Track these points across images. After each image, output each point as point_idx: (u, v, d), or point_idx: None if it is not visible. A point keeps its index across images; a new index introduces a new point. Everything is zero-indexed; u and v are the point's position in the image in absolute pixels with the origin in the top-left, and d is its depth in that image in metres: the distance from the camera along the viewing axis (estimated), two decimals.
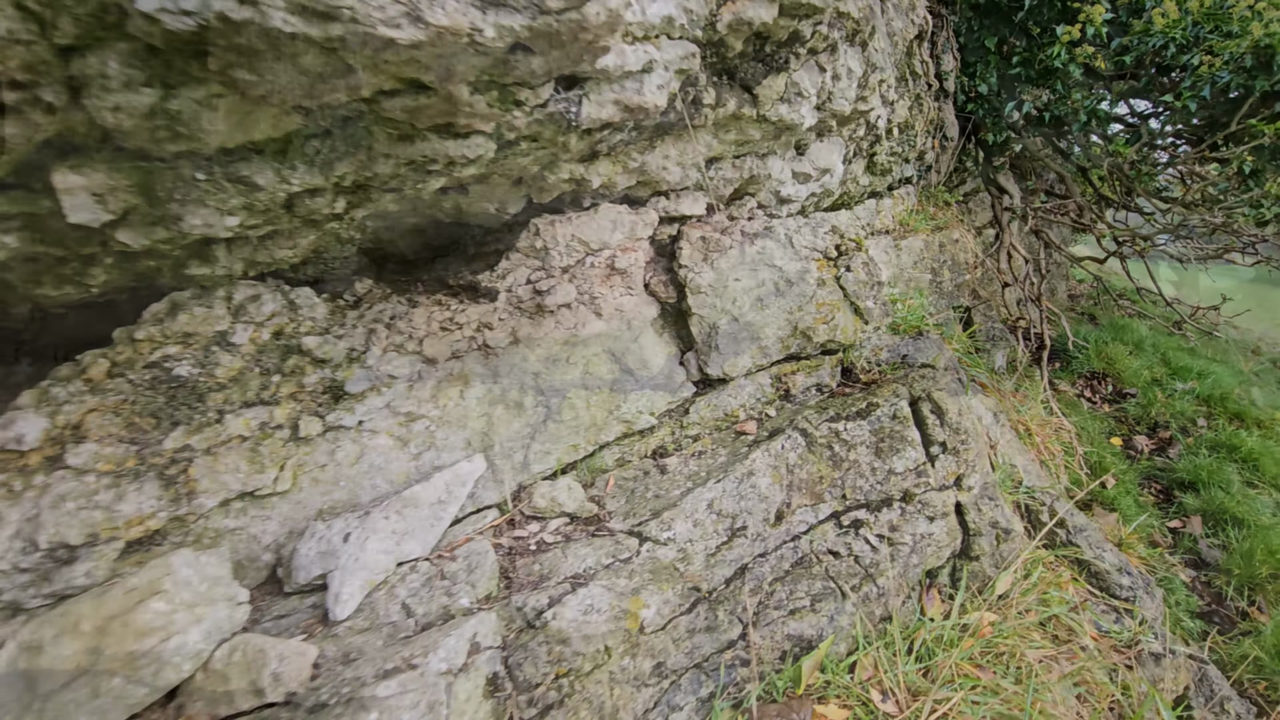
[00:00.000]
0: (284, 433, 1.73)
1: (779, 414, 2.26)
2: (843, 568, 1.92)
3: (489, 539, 1.77)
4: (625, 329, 2.20)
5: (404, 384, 1.88)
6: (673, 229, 2.30)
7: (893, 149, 2.34)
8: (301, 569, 1.53)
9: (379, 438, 1.79)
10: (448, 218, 2.21)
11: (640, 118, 1.60)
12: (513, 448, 1.93)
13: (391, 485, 1.75)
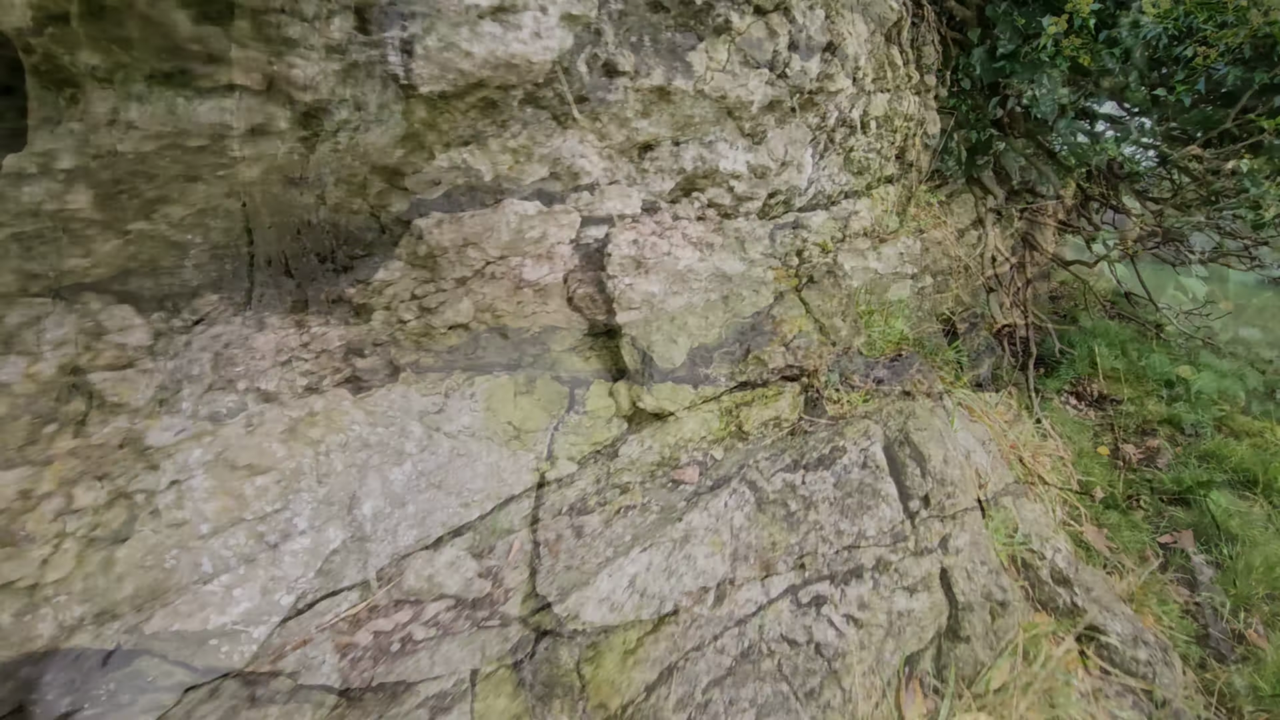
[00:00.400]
0: (55, 502, 1.29)
1: (727, 456, 1.86)
2: (800, 661, 1.52)
3: (334, 638, 1.34)
4: (541, 353, 1.79)
5: (238, 428, 1.44)
6: (601, 231, 1.88)
7: (870, 144, 1.96)
8: (46, 707, 1.10)
9: (195, 501, 1.36)
10: (313, 217, 1.78)
11: (523, 82, 1.19)
12: (385, 509, 1.51)
13: (214, 562, 1.31)
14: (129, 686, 0.93)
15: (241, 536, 0.99)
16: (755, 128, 1.15)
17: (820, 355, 2.06)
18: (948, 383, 2.18)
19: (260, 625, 1.00)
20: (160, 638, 0.97)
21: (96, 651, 0.98)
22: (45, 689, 0.99)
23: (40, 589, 0.95)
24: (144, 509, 1.02)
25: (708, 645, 1.50)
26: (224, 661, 0.99)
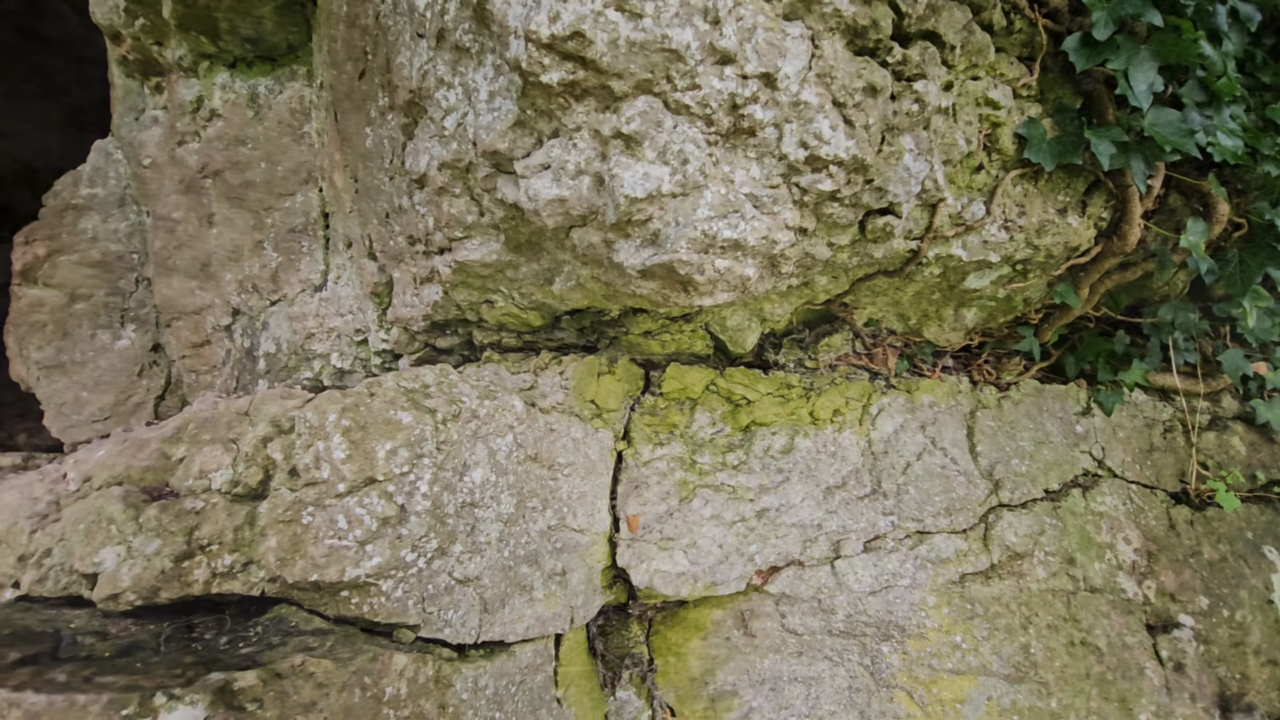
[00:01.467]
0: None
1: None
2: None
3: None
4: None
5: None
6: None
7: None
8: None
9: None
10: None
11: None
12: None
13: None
14: (276, 630, 1.02)
15: (374, 496, 1.07)
16: (857, 114, 1.16)
17: (890, 343, 2.06)
18: (1015, 372, 2.16)
19: (388, 579, 1.08)
20: (300, 587, 1.06)
21: (244, 597, 1.08)
22: (201, 629, 1.10)
23: (194, 540, 1.04)
24: (284, 469, 1.10)
25: (778, 622, 1.55)
26: (353, 611, 1.08)
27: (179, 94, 2.92)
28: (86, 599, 1.07)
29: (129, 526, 1.05)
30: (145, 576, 1.00)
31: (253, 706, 0.82)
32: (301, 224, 2.73)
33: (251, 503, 1.09)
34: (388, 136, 1.87)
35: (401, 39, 1.54)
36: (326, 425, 1.10)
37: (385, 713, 0.93)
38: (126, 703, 0.77)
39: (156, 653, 0.93)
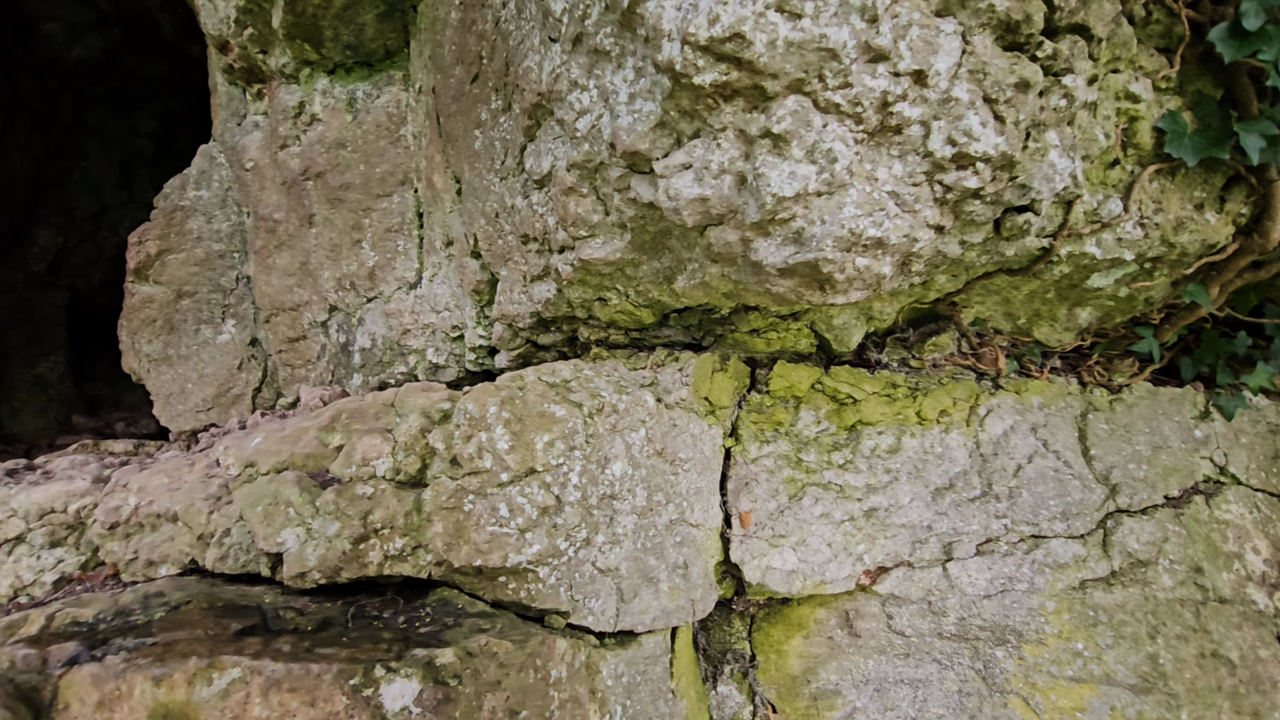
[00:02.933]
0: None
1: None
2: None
3: None
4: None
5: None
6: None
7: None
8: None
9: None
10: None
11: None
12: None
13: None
14: (443, 611, 1.08)
15: (535, 486, 1.12)
16: (1008, 110, 1.15)
17: (997, 343, 2.02)
18: (1128, 374, 2.09)
19: (544, 566, 1.13)
20: (463, 572, 1.11)
21: (409, 579, 1.14)
22: (373, 608, 1.16)
23: (369, 523, 1.11)
24: (445, 458, 1.16)
25: (884, 623, 1.54)
26: (510, 596, 1.13)
27: (281, 100, 3.06)
28: (264, 576, 1.14)
29: (306, 510, 1.12)
30: (329, 557, 1.07)
31: (454, 682, 0.87)
32: (397, 224, 2.83)
33: (413, 490, 1.15)
34: (500, 138, 1.93)
35: (528, 44, 1.59)
36: (488, 417, 1.15)
37: (551, 694, 0.97)
38: (353, 674, 0.82)
39: (346, 629, 0.99)
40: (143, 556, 1.65)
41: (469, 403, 1.17)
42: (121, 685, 0.78)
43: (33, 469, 2.16)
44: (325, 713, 0.78)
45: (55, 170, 5.11)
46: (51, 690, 0.79)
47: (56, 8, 4.43)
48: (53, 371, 5.57)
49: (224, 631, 0.92)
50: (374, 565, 1.08)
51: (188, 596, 1.03)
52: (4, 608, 1.72)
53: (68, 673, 0.81)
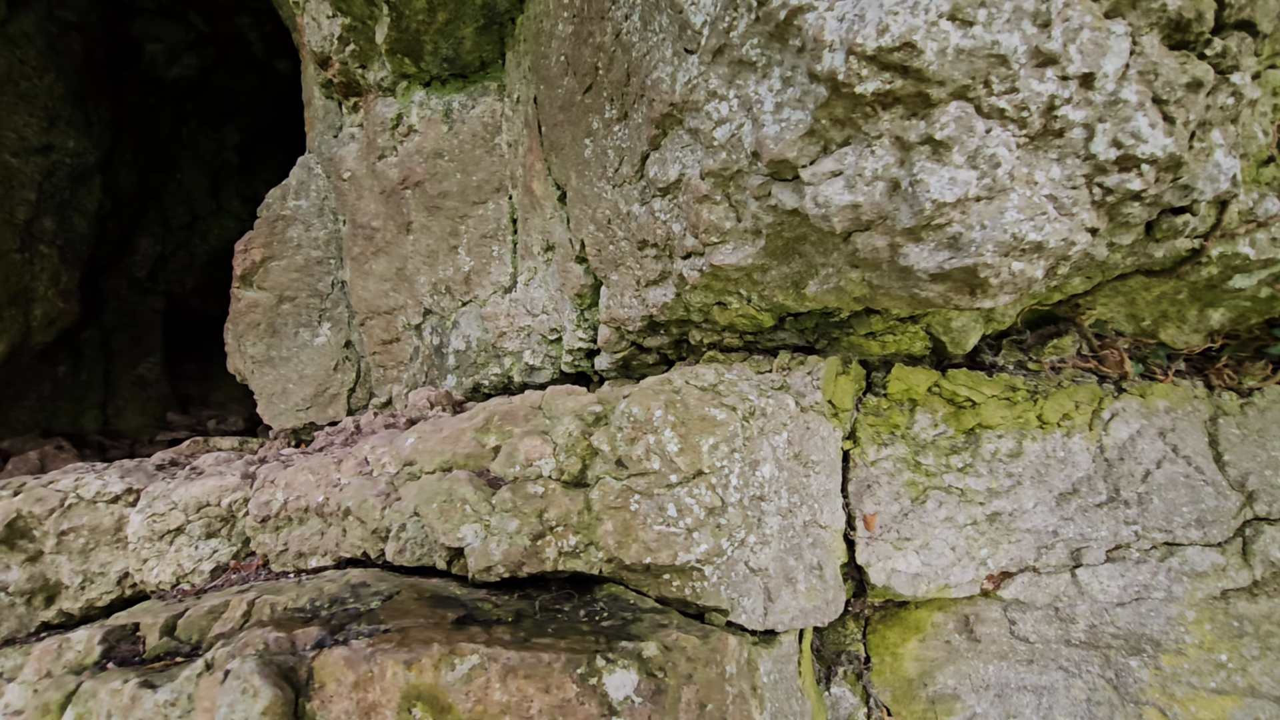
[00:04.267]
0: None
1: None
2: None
3: None
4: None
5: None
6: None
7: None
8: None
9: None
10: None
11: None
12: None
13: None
14: (616, 606, 1.13)
15: (703, 488, 1.16)
16: (1178, 110, 1.13)
17: (1120, 346, 1.97)
18: (1259, 377, 2.01)
19: (710, 565, 1.16)
20: (632, 569, 1.16)
21: (577, 575, 1.19)
22: (550, 601, 1.22)
23: (544, 521, 1.16)
24: (609, 459, 1.21)
25: (1005, 628, 1.52)
26: (674, 594, 1.17)
27: (377, 112, 3.19)
28: (440, 569, 1.21)
29: (482, 507, 1.18)
30: (512, 553, 1.13)
31: (660, 674, 0.91)
32: (493, 230, 2.92)
33: (579, 489, 1.20)
34: (614, 147, 1.98)
35: (657, 55, 1.63)
36: (654, 420, 1.19)
37: (727, 689, 1.00)
38: (579, 663, 0.87)
39: (537, 620, 1.05)
40: (293, 548, 1.75)
41: (633, 406, 1.22)
42: (374, 668, 0.84)
43: (181, 464, 2.31)
44: (559, 699, 0.82)
45: (154, 182, 5.43)
46: (306, 670, 0.86)
47: (159, 30, 4.71)
48: (151, 371, 5.90)
49: (443, 620, 0.98)
50: (550, 561, 1.13)
51: (395, 588, 1.10)
52: (169, 593, 1.85)
53: (319, 655, 0.88)
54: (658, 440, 1.17)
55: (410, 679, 0.83)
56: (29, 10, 3.87)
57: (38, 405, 4.86)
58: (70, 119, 4.19)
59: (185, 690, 0.84)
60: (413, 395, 2.67)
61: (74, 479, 1.94)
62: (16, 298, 4.07)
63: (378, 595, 1.05)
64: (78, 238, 4.49)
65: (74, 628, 1.96)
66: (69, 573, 1.91)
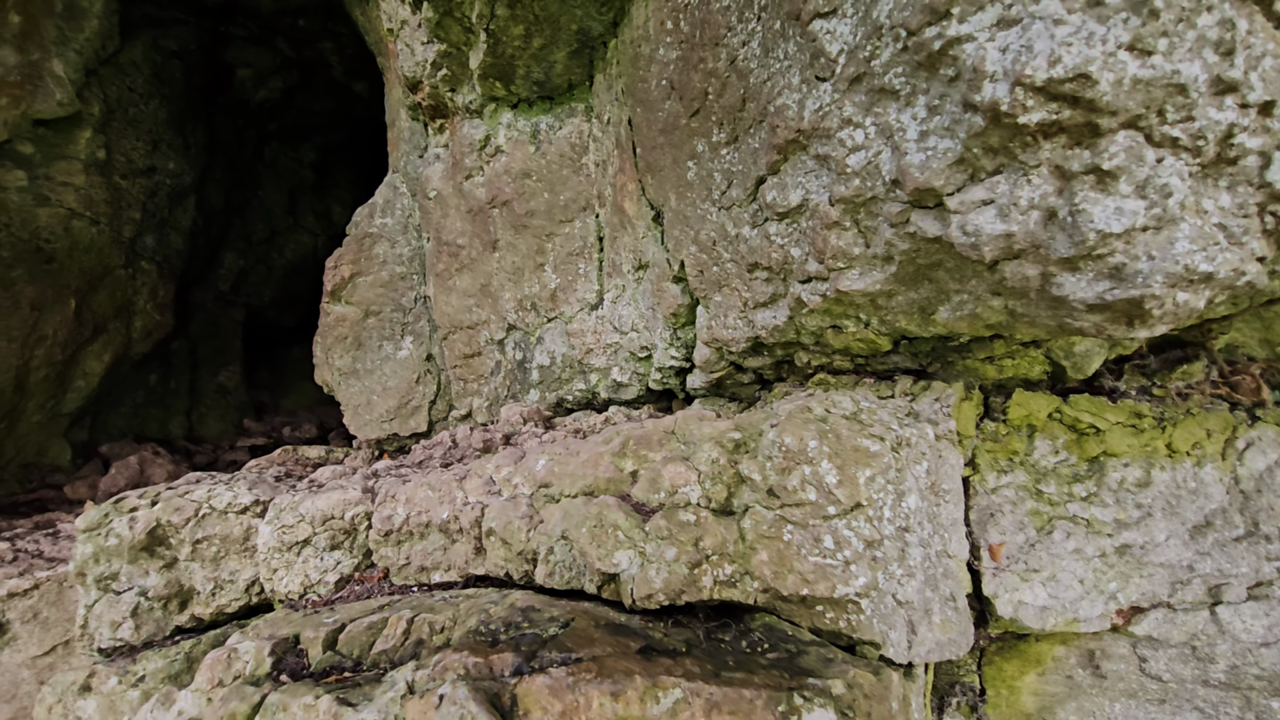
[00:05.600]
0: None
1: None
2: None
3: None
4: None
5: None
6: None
7: None
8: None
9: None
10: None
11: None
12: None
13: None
14: (773, 637, 1.13)
15: (861, 520, 1.16)
16: None
17: (1254, 371, 1.89)
18: None
19: (866, 598, 1.16)
20: (787, 600, 1.16)
21: (730, 604, 1.20)
22: (707, 631, 1.24)
23: (700, 549, 1.18)
24: (760, 488, 1.22)
25: (1134, 665, 1.46)
26: (828, 625, 1.17)
27: (464, 133, 3.29)
28: (589, 593, 1.24)
29: (636, 533, 1.20)
30: (672, 581, 1.15)
31: (849, 712, 0.92)
32: (579, 248, 2.98)
33: (728, 517, 1.21)
34: (721, 170, 1.99)
35: (781, 82, 1.64)
36: (809, 451, 1.20)
37: None
38: (778, 700, 0.88)
39: (708, 651, 1.06)
40: (415, 562, 1.81)
41: (785, 436, 1.22)
42: (579, 697, 0.87)
43: (294, 475, 2.41)
44: None
45: (239, 200, 5.69)
46: (510, 697, 0.89)
47: (250, 56, 4.95)
48: (230, 380, 6.16)
49: (627, 650, 1.00)
50: (706, 590, 1.14)
51: (567, 614, 1.12)
52: (298, 602, 1.93)
53: (520, 682, 0.91)
54: (814, 471, 1.17)
55: (617, 710, 0.85)
56: (137, 41, 4.12)
57: (131, 412, 5.12)
58: (170, 142, 4.43)
59: (391, 711, 0.88)
60: (505, 410, 2.72)
61: (206, 490, 2.04)
62: (120, 311, 4.31)
63: (553, 621, 1.08)
64: (173, 254, 4.74)
65: (204, 631, 2.06)
66: (201, 579, 2.00)
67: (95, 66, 3.79)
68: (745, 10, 1.77)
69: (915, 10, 1.24)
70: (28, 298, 3.63)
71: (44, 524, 3.51)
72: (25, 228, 3.57)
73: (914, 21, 1.25)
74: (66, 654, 2.79)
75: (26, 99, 3.37)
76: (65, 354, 3.95)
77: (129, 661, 1.88)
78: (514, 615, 1.12)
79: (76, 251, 3.87)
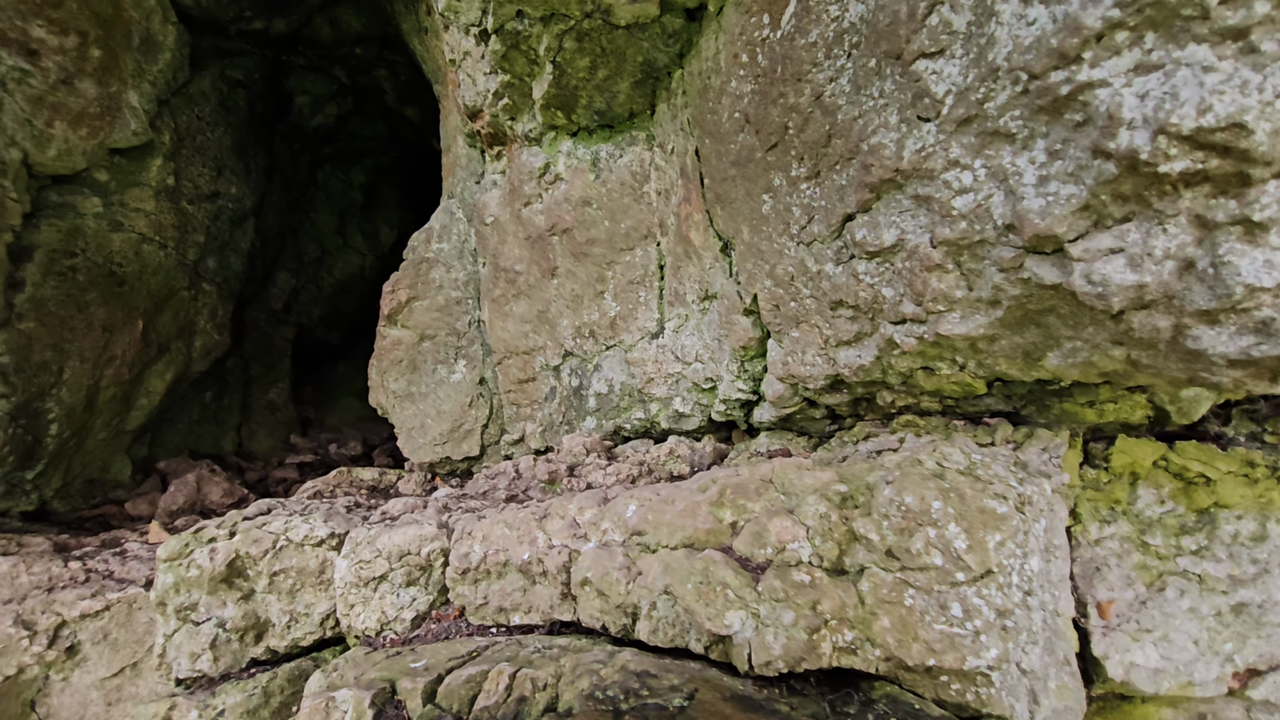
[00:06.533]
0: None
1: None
2: None
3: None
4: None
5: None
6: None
7: None
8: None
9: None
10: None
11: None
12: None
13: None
14: (898, 711, 1.08)
15: (992, 588, 1.11)
16: None
17: None
18: None
19: (997, 671, 1.10)
20: (912, 670, 1.11)
21: (862, 674, 1.15)
22: (830, 703, 1.19)
23: (819, 613, 1.14)
24: (877, 549, 1.17)
25: None
26: (954, 698, 1.11)
27: (523, 161, 3.31)
28: (695, 652, 1.20)
29: (747, 593, 1.16)
30: (792, 647, 1.11)
31: None
32: (640, 276, 2.96)
33: (842, 577, 1.17)
34: (800, 205, 1.96)
35: (876, 121, 1.61)
36: (932, 512, 1.15)
37: None
38: None
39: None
40: (493, 602, 1.78)
41: (904, 495, 1.18)
42: None
43: (362, 504, 2.41)
44: None
45: (293, 221, 5.83)
46: None
47: (309, 84, 5.09)
48: (279, 396, 6.27)
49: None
50: (826, 657, 1.10)
51: (688, 683, 1.09)
52: (374, 639, 1.91)
53: None
54: (940, 534, 1.12)
55: None
56: (206, 72, 4.26)
57: (187, 429, 5.24)
58: (233, 168, 4.56)
59: None
60: (566, 441, 2.71)
61: (283, 521, 2.05)
62: (182, 331, 4.42)
63: (675, 691, 1.04)
64: (232, 275, 4.85)
65: (278, 664, 2.06)
66: (277, 612, 2.00)
67: (167, 97, 3.92)
68: (834, 47, 1.74)
69: (1041, 54, 1.20)
70: (100, 320, 3.74)
71: (110, 542, 3.58)
72: (100, 252, 3.68)
73: (1039, 65, 1.21)
74: (134, 676, 2.82)
75: (105, 129, 3.50)
76: (132, 373, 4.06)
77: (208, 694, 1.89)
78: (629, 680, 1.08)
79: (145, 274, 3.98)
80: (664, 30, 2.52)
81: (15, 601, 2.82)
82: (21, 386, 3.38)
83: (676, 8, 2.44)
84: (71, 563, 3.07)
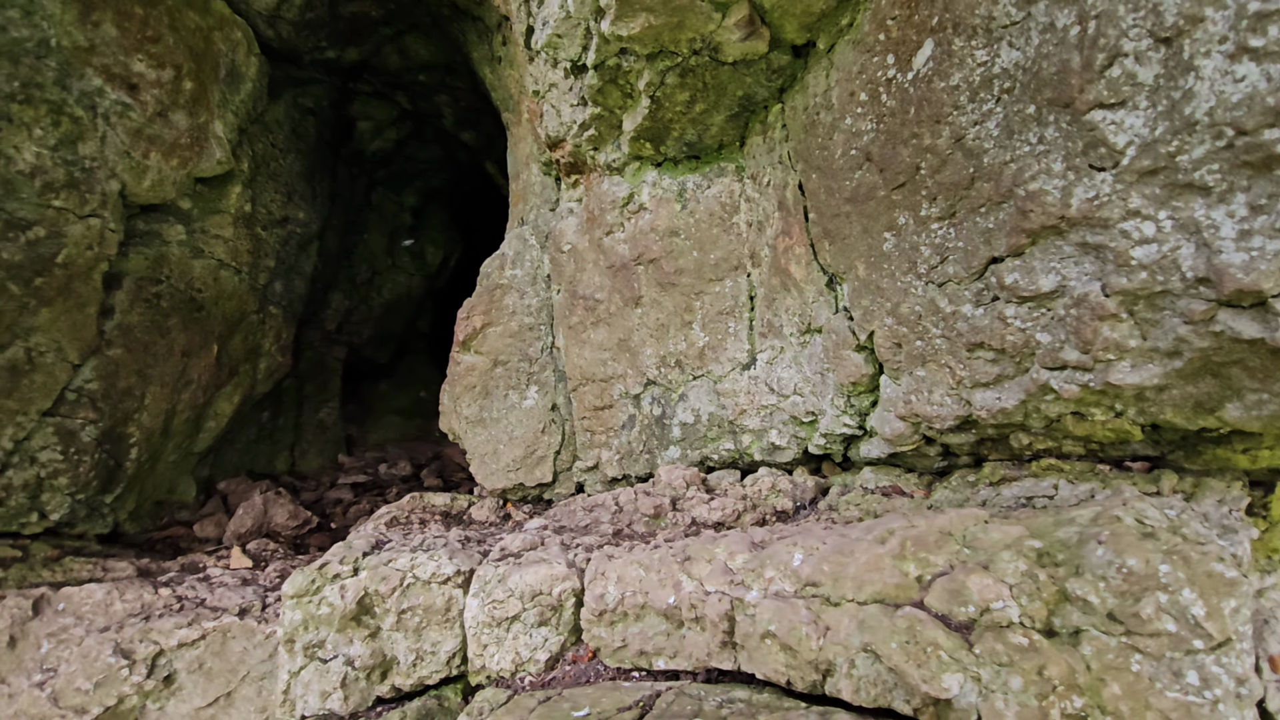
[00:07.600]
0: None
1: None
2: None
3: None
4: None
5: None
6: None
7: None
8: None
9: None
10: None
11: None
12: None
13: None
14: None
15: (1231, 656, 1.08)
16: None
17: None
18: None
19: None
20: None
21: None
22: None
23: (1045, 678, 1.12)
24: (1096, 611, 1.15)
25: None
26: None
27: (603, 189, 3.34)
28: (904, 714, 1.18)
29: (962, 655, 1.15)
30: (1024, 714, 1.09)
31: None
32: (729, 307, 2.97)
33: (1055, 639, 1.15)
34: (930, 244, 1.96)
35: (1035, 166, 1.60)
36: (1160, 575, 1.13)
37: None
38: None
39: None
40: (632, 646, 1.77)
41: (1127, 558, 1.15)
42: None
43: (479, 540, 2.41)
44: None
45: (349, 243, 5.90)
46: None
47: (372, 110, 5.18)
48: (330, 416, 6.31)
49: None
50: None
51: None
52: (508, 680, 1.90)
53: None
54: (1172, 600, 1.10)
55: None
56: (280, 100, 4.34)
57: (244, 448, 5.28)
58: (302, 193, 4.63)
59: None
60: (663, 473, 2.70)
61: (409, 559, 2.05)
62: (250, 354, 4.47)
63: None
64: (296, 298, 4.91)
65: (402, 702, 2.05)
66: (404, 650, 2.00)
67: (246, 126, 3.99)
68: (981, 91, 1.75)
69: (1254, 111, 1.19)
70: (180, 345, 3.79)
71: (190, 567, 3.60)
72: (182, 279, 3.74)
73: (1250, 122, 1.20)
74: (227, 706, 2.82)
75: (194, 159, 3.57)
76: (205, 397, 4.10)
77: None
78: None
79: (221, 299, 4.04)
80: (769, 66, 2.54)
81: (113, 630, 2.83)
82: (109, 412, 3.42)
83: (785, 44, 2.46)
84: (161, 590, 3.09)
